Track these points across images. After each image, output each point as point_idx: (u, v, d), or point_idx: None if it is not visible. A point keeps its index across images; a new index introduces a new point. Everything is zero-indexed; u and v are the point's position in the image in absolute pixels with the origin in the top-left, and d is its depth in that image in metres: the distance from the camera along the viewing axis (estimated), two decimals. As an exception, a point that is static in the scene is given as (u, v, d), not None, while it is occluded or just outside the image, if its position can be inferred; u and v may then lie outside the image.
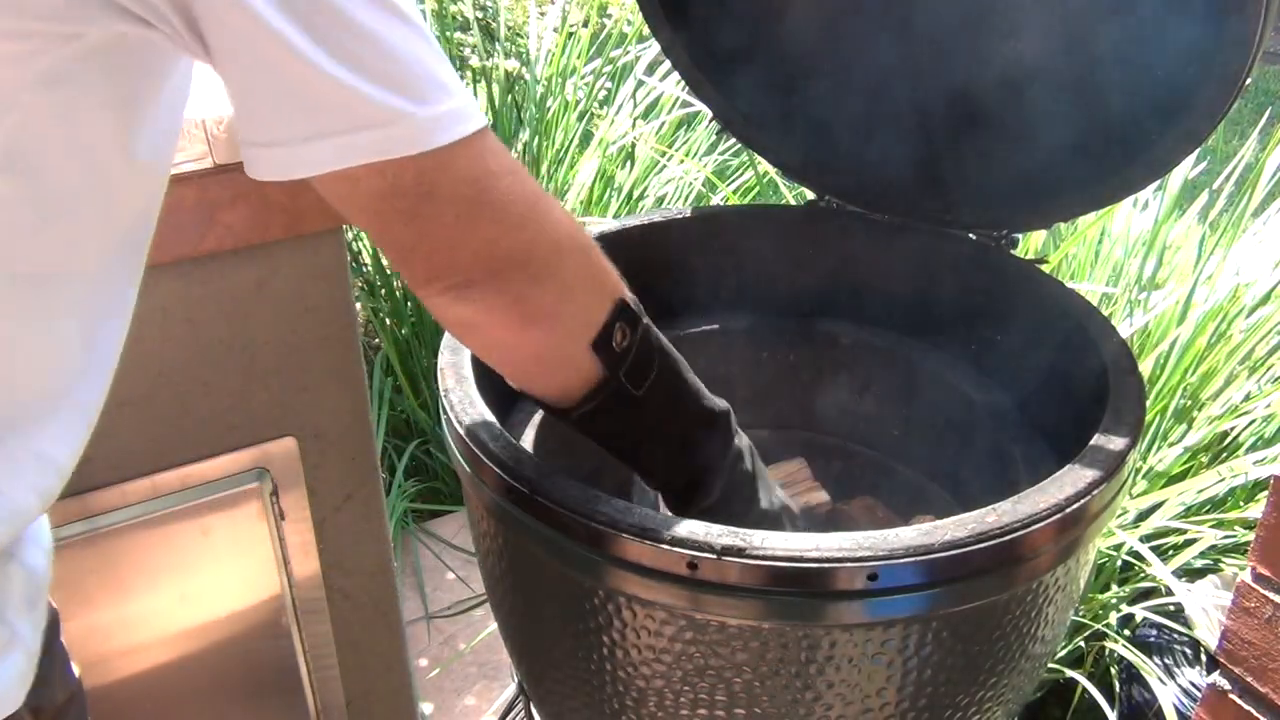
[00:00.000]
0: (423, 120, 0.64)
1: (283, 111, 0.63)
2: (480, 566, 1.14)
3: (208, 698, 1.37)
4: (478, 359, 1.06)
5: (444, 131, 0.66)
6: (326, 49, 0.61)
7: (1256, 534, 0.89)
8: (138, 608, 1.25)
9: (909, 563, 0.81)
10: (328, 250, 1.21)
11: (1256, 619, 0.90)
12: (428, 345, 2.41)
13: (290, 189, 1.16)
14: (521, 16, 3.32)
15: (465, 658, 1.96)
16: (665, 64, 2.68)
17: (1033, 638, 0.94)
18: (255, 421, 1.25)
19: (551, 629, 0.99)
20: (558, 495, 0.87)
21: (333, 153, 0.64)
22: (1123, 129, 1.11)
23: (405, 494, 2.23)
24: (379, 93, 0.63)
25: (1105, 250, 2.27)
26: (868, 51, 1.29)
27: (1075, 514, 0.87)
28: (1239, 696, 0.94)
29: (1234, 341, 2.01)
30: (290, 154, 0.64)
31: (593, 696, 0.98)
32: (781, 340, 1.40)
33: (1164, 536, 1.85)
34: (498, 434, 0.95)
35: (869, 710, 0.90)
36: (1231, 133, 4.03)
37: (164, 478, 1.22)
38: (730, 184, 2.63)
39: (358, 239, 2.46)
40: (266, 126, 0.64)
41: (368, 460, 1.35)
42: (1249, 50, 0.93)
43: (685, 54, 1.34)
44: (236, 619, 1.32)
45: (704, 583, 0.82)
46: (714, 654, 0.87)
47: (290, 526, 1.31)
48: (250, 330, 1.21)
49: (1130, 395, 1.00)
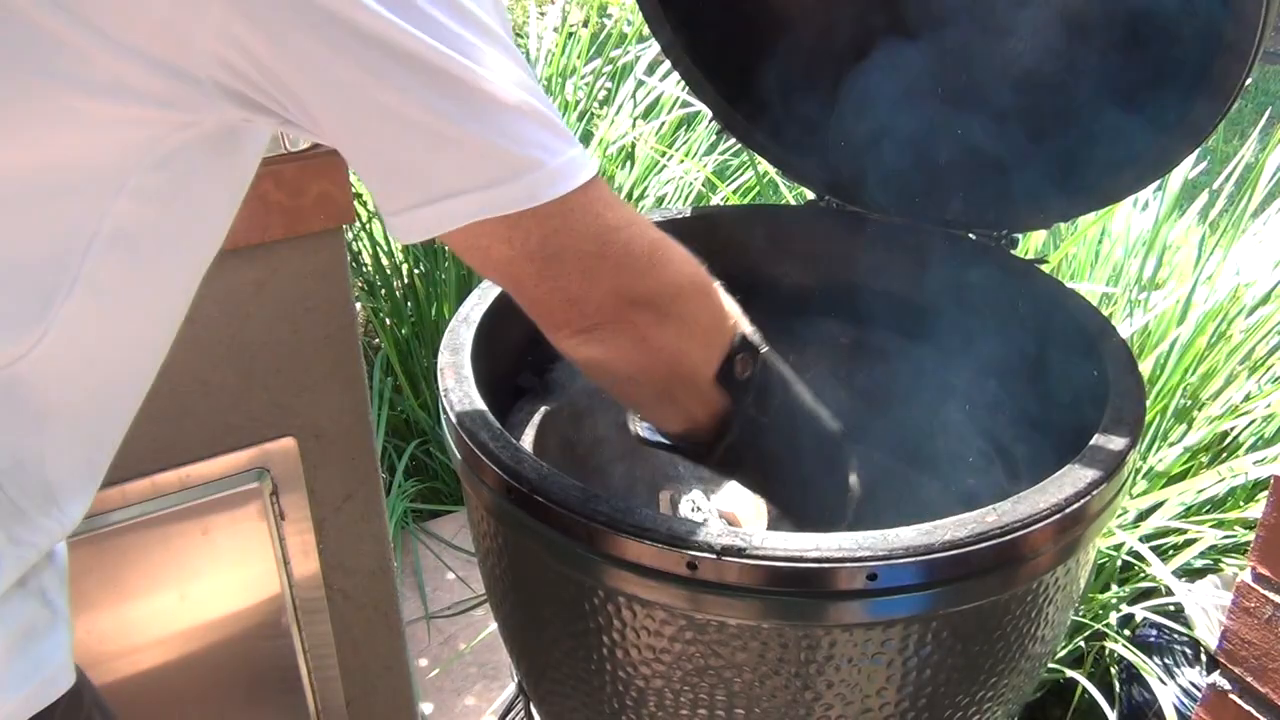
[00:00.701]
0: (550, 170, 0.66)
1: (402, 175, 0.65)
2: (480, 566, 1.14)
3: (208, 698, 1.37)
4: (478, 359, 1.06)
5: (565, 181, 0.67)
6: (447, 103, 0.62)
7: (1256, 534, 0.89)
8: (138, 608, 1.25)
9: (909, 563, 0.81)
10: (328, 250, 1.21)
11: (1256, 619, 0.90)
12: (428, 345, 2.41)
13: (291, 188, 1.16)
14: (521, 16, 3.33)
15: (465, 658, 1.96)
16: (665, 64, 2.68)
17: (1033, 638, 0.94)
18: (255, 421, 1.25)
19: (551, 629, 0.99)
20: (558, 495, 0.87)
21: (465, 209, 0.65)
22: (1123, 129, 1.11)
23: (405, 494, 2.23)
24: (512, 145, 0.64)
25: (1105, 250, 2.27)
26: (867, 52, 1.29)
27: (1075, 514, 0.87)
28: (1239, 696, 0.94)
29: (1234, 341, 2.01)
30: (414, 217, 0.66)
31: (592, 696, 0.98)
32: (781, 340, 1.39)
33: (1164, 536, 1.85)
34: (498, 434, 0.95)
35: (869, 710, 0.90)
36: (1231, 133, 4.03)
37: (164, 478, 1.21)
38: (730, 184, 2.63)
39: (357, 239, 2.47)
40: (393, 194, 0.66)
41: (368, 460, 1.35)
42: (1249, 50, 0.93)
43: (685, 54, 1.34)
44: (236, 619, 1.32)
45: (704, 583, 0.82)
46: (714, 654, 0.87)
47: (290, 526, 1.31)
48: (250, 330, 1.21)
49: (1130, 395, 1.00)
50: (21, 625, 0.70)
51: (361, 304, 2.45)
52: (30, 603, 0.71)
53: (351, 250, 2.45)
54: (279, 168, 1.13)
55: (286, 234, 1.16)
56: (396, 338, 2.41)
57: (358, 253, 2.48)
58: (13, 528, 0.70)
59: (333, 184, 1.18)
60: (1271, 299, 2.04)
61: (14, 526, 0.70)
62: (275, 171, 1.13)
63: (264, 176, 1.07)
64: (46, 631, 0.72)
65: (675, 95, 2.73)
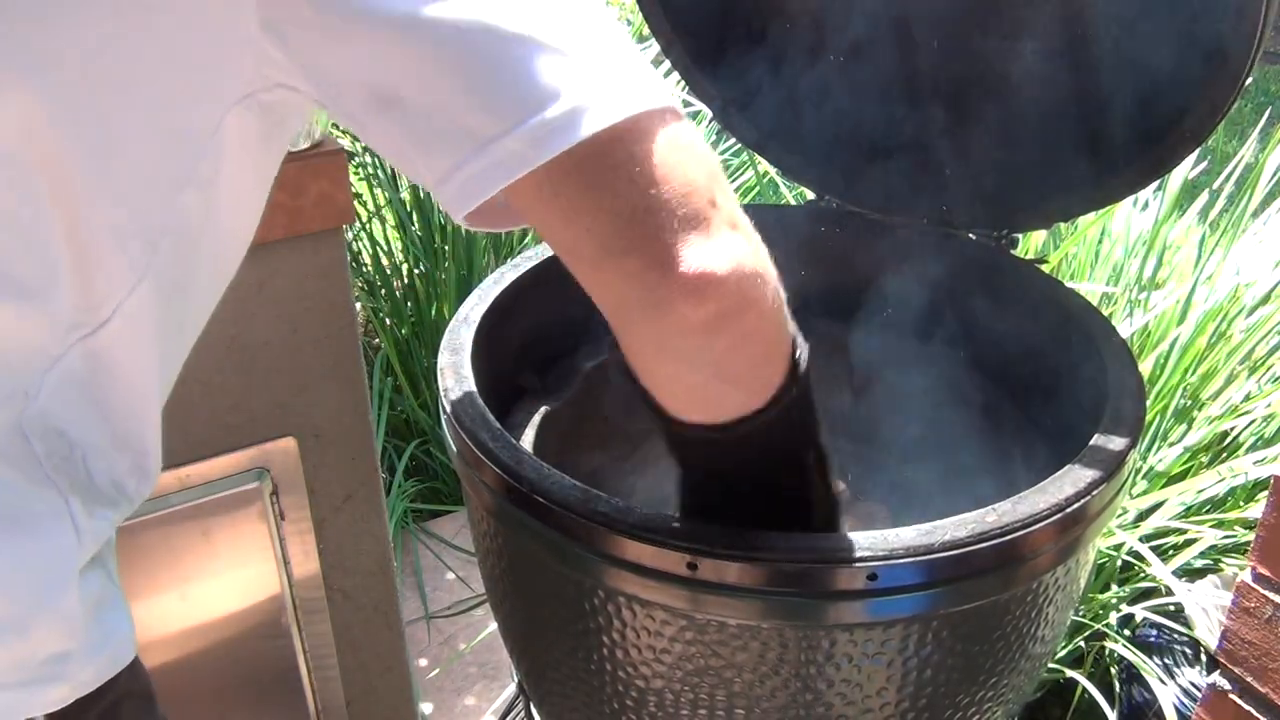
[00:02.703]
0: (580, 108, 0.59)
1: (477, 99, 0.60)
2: (480, 566, 1.14)
3: (208, 698, 1.37)
4: (477, 359, 1.06)
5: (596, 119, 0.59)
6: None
7: (1256, 534, 0.89)
8: (138, 608, 1.24)
9: (909, 563, 0.81)
10: (328, 250, 1.21)
11: (1256, 619, 0.90)
12: (428, 345, 2.41)
13: (291, 188, 1.17)
14: (521, 16, 3.32)
15: (465, 658, 1.96)
16: (665, 64, 2.68)
17: (1033, 638, 0.94)
18: (255, 421, 1.25)
19: (551, 629, 0.99)
20: (558, 495, 0.87)
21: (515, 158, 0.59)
22: (1123, 129, 1.11)
23: (405, 494, 2.23)
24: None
25: (1105, 250, 2.27)
26: (868, 52, 1.29)
27: (1075, 514, 0.87)
28: (1239, 696, 0.94)
29: (1234, 341, 2.01)
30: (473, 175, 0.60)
31: (592, 697, 0.98)
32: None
33: (1164, 536, 1.85)
34: (498, 434, 0.95)
35: (869, 710, 0.90)
36: (1231, 133, 4.03)
37: (164, 478, 1.21)
38: (730, 184, 2.63)
39: (357, 239, 2.46)
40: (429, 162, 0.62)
41: (368, 460, 1.35)
42: (1249, 50, 0.93)
43: (685, 54, 1.34)
44: (236, 619, 1.32)
45: (704, 583, 0.82)
46: (714, 654, 0.87)
47: (290, 526, 1.31)
48: (250, 330, 1.21)
49: (1130, 395, 1.00)
50: (94, 596, 0.73)
51: (361, 304, 2.45)
52: (100, 576, 0.74)
53: (351, 250, 2.45)
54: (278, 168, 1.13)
55: (286, 234, 1.16)
56: (396, 338, 2.41)
57: (358, 253, 2.48)
58: (92, 504, 0.72)
59: (333, 184, 1.18)
60: (1271, 299, 2.05)
61: (93, 503, 0.72)
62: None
63: (264, 176, 1.07)
64: (113, 605, 0.75)
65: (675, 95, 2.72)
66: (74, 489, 0.71)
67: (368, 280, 2.49)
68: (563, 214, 0.63)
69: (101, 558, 0.75)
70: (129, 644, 0.76)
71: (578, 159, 0.60)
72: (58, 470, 0.70)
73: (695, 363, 0.69)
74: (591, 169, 0.61)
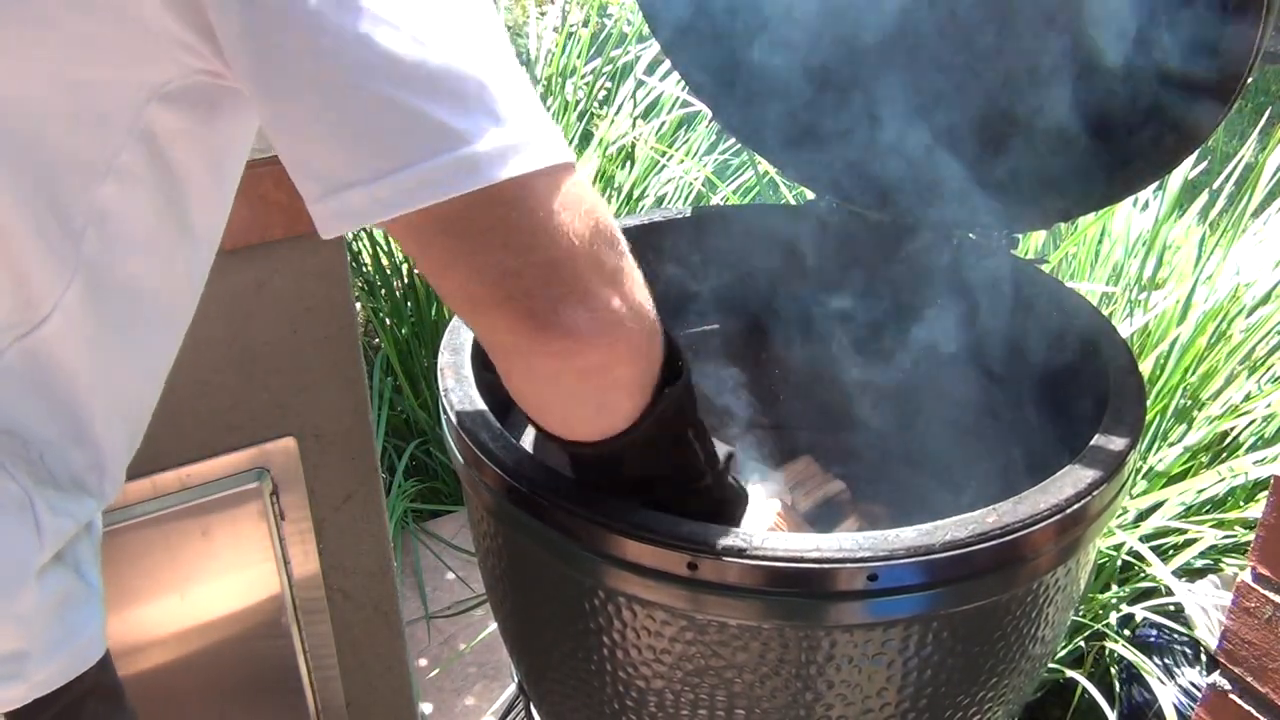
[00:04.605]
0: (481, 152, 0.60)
1: (346, 145, 0.61)
2: (480, 566, 1.14)
3: (208, 698, 1.37)
4: (478, 359, 1.06)
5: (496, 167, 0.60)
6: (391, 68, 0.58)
7: (1256, 534, 0.89)
8: (137, 608, 1.25)
9: (909, 563, 0.81)
10: (328, 250, 1.21)
11: (1256, 619, 0.90)
12: (428, 345, 2.41)
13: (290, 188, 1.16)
14: (521, 16, 3.33)
15: (465, 658, 1.96)
16: (665, 64, 2.68)
17: (1033, 638, 0.94)
18: (255, 421, 1.25)
19: (551, 629, 0.99)
20: (558, 495, 0.87)
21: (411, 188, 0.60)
22: (1123, 129, 1.11)
23: (405, 494, 2.23)
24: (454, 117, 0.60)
25: (1105, 250, 2.27)
26: (867, 52, 1.29)
27: (1075, 514, 0.87)
28: (1239, 696, 0.94)
29: (1234, 341, 2.01)
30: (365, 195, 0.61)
31: (593, 697, 0.98)
32: (781, 340, 1.40)
33: (1164, 536, 1.85)
34: (498, 434, 0.95)
35: (869, 710, 0.90)
36: (1231, 133, 4.03)
37: (164, 478, 1.21)
38: (730, 184, 2.63)
39: (357, 239, 2.46)
40: (332, 166, 0.62)
41: (368, 460, 1.35)
42: (1249, 50, 0.93)
43: (685, 53, 1.34)
44: (236, 619, 1.32)
45: (704, 583, 0.82)
46: (714, 654, 0.87)
47: (290, 526, 1.31)
48: (250, 330, 1.21)
49: (1130, 395, 1.00)
50: (58, 594, 0.72)
51: (361, 304, 2.45)
52: (66, 575, 0.74)
53: (351, 250, 2.45)
54: (279, 168, 1.12)
55: (286, 234, 1.16)
56: (396, 338, 2.41)
57: (358, 253, 2.48)
58: (52, 498, 0.72)
59: (333, 184, 1.17)
60: (1271, 299, 2.04)
61: (53, 497, 0.72)
62: (275, 171, 1.12)
63: (264, 176, 1.07)
64: (80, 603, 0.74)
65: (675, 95, 2.73)
66: (37, 486, 0.71)
67: (368, 280, 2.49)
68: (437, 265, 0.66)
69: (69, 556, 0.74)
70: (97, 643, 0.75)
71: (447, 216, 0.61)
72: (16, 467, 0.70)
73: (563, 399, 0.74)
74: (462, 229, 0.63)
